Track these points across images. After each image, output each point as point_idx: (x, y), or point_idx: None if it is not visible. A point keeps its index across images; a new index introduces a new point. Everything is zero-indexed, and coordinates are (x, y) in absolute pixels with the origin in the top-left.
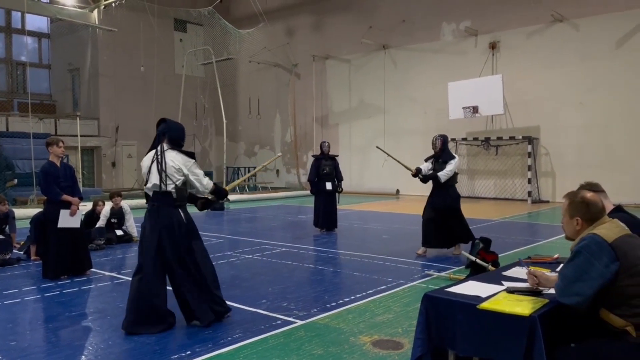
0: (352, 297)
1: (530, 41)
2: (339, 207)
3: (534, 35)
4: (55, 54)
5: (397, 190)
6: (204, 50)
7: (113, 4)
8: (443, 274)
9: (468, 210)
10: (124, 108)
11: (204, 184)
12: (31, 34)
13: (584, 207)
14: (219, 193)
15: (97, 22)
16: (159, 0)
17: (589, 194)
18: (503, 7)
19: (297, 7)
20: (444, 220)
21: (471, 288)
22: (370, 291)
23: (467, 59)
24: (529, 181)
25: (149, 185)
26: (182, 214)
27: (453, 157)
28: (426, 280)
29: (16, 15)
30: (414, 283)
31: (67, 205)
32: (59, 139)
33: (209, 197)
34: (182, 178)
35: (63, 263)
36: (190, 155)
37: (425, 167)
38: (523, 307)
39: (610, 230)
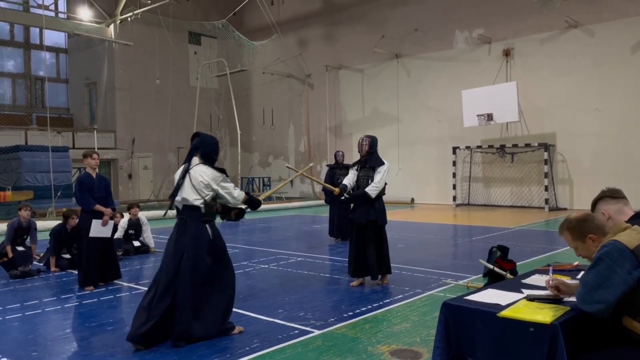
0: (369, 307)
1: (544, 48)
2: None
3: (548, 42)
4: (72, 69)
5: (412, 199)
6: (218, 63)
7: (129, 19)
8: (461, 282)
9: (485, 219)
10: (139, 120)
11: (234, 196)
12: (49, 49)
13: (584, 223)
14: (253, 203)
15: (113, 37)
16: (173, 14)
17: (578, 213)
18: (516, 14)
19: (310, 19)
20: (364, 240)
21: (490, 296)
22: (387, 300)
23: (480, 67)
24: (546, 188)
25: (179, 198)
26: (209, 230)
27: (382, 163)
28: (443, 289)
29: (34, 31)
30: (431, 292)
31: (100, 215)
32: (93, 152)
33: (243, 208)
34: (211, 193)
35: (94, 272)
36: (221, 170)
37: (351, 178)
38: (544, 315)
39: (631, 236)
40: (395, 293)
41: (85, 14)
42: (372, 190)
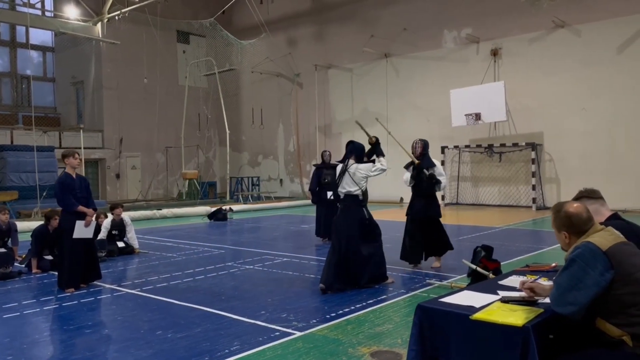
0: (352, 308)
1: (532, 48)
2: None
3: (536, 42)
4: (59, 68)
5: (401, 199)
6: (206, 62)
7: (116, 17)
8: (445, 282)
9: (473, 218)
10: (127, 120)
11: (383, 164)
12: (35, 48)
13: (568, 221)
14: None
15: (100, 35)
16: (161, 13)
17: (572, 207)
18: (504, 14)
19: (299, 18)
20: (422, 232)
21: (466, 298)
22: (371, 301)
23: (469, 66)
24: (533, 188)
25: (342, 190)
26: (365, 212)
27: (434, 164)
28: (427, 290)
29: (20, 30)
30: (415, 292)
31: (83, 216)
32: (74, 151)
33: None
34: (366, 184)
35: (77, 273)
36: (369, 162)
37: (406, 177)
38: (516, 317)
39: (604, 238)
40: (379, 294)
41: (72, 13)
42: (443, 179)
